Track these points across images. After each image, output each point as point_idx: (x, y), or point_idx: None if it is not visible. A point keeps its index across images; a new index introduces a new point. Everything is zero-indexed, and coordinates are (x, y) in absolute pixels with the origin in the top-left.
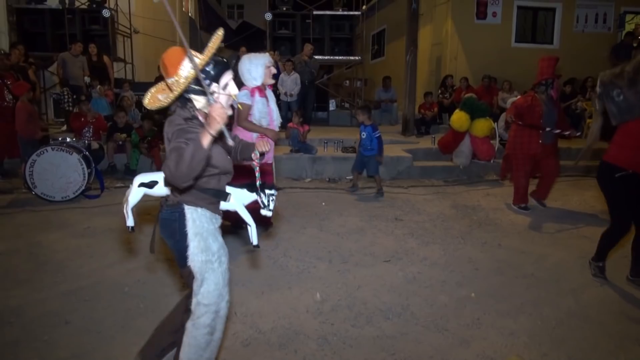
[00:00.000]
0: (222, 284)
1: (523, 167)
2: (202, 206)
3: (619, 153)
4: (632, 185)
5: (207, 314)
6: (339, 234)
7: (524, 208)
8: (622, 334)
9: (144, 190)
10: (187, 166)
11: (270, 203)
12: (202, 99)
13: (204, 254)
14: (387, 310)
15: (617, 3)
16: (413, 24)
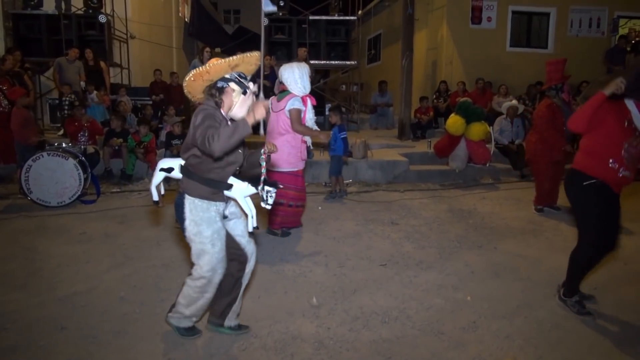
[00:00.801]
0: (215, 262)
1: (545, 172)
2: (200, 196)
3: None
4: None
5: (200, 279)
6: (335, 238)
7: (539, 210)
8: (617, 337)
9: (164, 173)
10: (229, 138)
11: (269, 198)
12: (238, 88)
13: (196, 237)
14: (383, 314)
15: (611, 8)
16: (408, 28)
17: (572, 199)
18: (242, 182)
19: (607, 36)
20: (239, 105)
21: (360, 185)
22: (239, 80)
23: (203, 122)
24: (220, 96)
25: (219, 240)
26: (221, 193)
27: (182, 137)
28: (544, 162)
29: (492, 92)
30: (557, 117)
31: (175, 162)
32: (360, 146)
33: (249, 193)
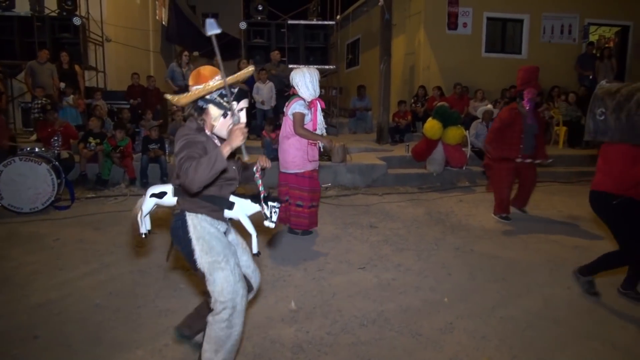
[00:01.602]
0: (234, 280)
1: (505, 178)
2: (202, 213)
3: (607, 180)
4: (629, 209)
5: (225, 310)
6: (314, 242)
7: (505, 218)
8: (589, 335)
9: (155, 200)
10: (206, 173)
11: (273, 215)
12: (217, 111)
13: (208, 255)
14: (362, 317)
15: (582, 15)
16: (386, 34)
17: (605, 218)
18: (245, 200)
19: (578, 43)
20: (220, 126)
21: (339, 189)
22: (219, 102)
23: (182, 150)
24: (201, 116)
25: (232, 257)
26: (222, 212)
27: (159, 142)
28: (502, 168)
29: (468, 96)
30: (515, 123)
31: (167, 187)
32: (339, 150)
33: (252, 211)
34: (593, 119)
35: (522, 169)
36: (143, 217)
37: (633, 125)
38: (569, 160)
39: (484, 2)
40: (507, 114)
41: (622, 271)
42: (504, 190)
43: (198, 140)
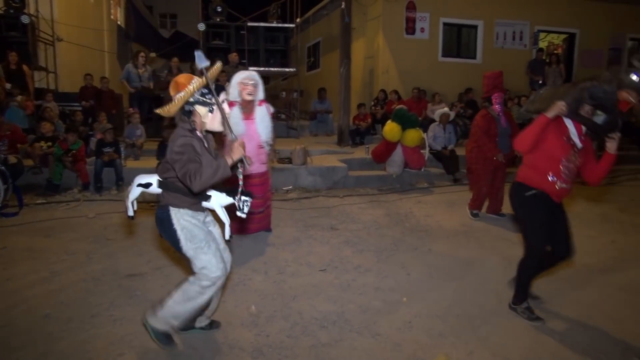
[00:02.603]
0: (216, 262)
1: (485, 177)
2: (183, 207)
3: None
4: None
5: (206, 281)
6: (274, 245)
7: (475, 215)
8: (540, 329)
9: (141, 189)
10: (210, 180)
11: (244, 207)
12: (203, 109)
13: (192, 242)
14: (322, 319)
15: (532, 22)
16: (346, 37)
17: (516, 209)
18: (220, 193)
19: (529, 48)
20: (210, 122)
21: (300, 192)
22: (202, 100)
23: (183, 153)
24: (191, 119)
25: (213, 242)
26: (200, 204)
27: (114, 145)
28: (482, 170)
29: (426, 99)
30: (491, 128)
31: (153, 178)
32: (300, 153)
33: (226, 203)
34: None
35: (496, 170)
36: (130, 202)
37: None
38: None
39: (440, 8)
40: (482, 121)
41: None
42: (483, 186)
43: (193, 143)
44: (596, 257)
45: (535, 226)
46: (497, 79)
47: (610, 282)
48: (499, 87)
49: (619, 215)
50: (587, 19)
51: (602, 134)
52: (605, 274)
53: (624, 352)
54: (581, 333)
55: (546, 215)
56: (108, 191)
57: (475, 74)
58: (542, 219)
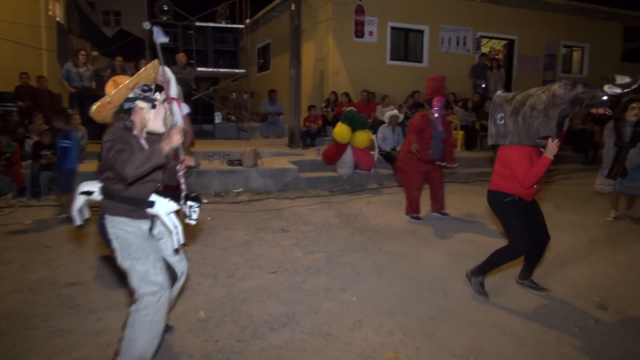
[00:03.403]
0: (154, 274)
1: (415, 180)
2: (120, 214)
3: (502, 181)
4: (520, 208)
5: (145, 302)
6: (224, 249)
7: (415, 218)
8: (483, 322)
9: (85, 197)
10: (142, 164)
11: (192, 214)
12: (145, 104)
13: (127, 252)
14: (272, 322)
15: (474, 28)
16: (296, 39)
17: (498, 213)
18: (164, 199)
19: (472, 53)
20: (153, 119)
21: (250, 194)
22: (144, 96)
23: (114, 146)
24: (130, 117)
25: (152, 252)
26: (142, 211)
27: (52, 147)
28: (412, 170)
29: (375, 102)
30: (426, 130)
31: (95, 185)
32: (251, 155)
33: (171, 209)
34: (494, 124)
35: (429, 172)
36: (75, 212)
37: (528, 128)
38: (466, 162)
39: (388, 12)
40: (418, 121)
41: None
42: (414, 191)
43: (125, 136)
44: None
45: (518, 228)
46: (440, 83)
47: (547, 276)
48: (441, 92)
49: (556, 213)
50: (525, 26)
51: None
52: (542, 268)
53: (558, 340)
54: (520, 324)
55: (522, 215)
56: (46, 196)
57: (422, 77)
58: (521, 219)
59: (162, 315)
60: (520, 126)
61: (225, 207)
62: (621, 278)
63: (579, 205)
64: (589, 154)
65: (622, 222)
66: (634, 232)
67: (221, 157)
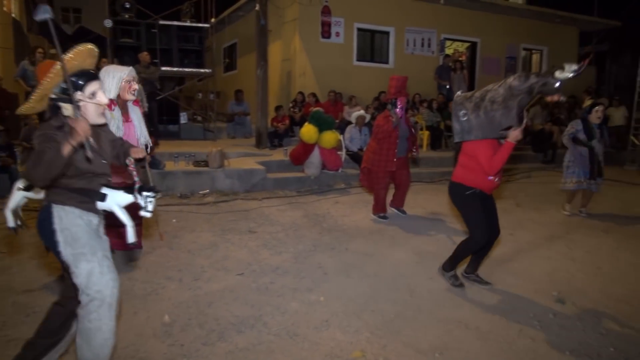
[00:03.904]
0: (100, 272)
1: (382, 180)
2: (70, 204)
3: (466, 173)
4: (480, 201)
5: (92, 302)
6: (190, 251)
7: (383, 217)
8: (448, 319)
9: (23, 193)
10: (45, 169)
11: (149, 205)
12: (69, 107)
13: (72, 246)
14: (239, 324)
15: (438, 30)
16: (262, 39)
17: (459, 206)
18: (118, 191)
19: (436, 55)
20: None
21: (217, 195)
22: (63, 98)
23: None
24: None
25: (100, 249)
26: (93, 204)
27: (8, 149)
28: (380, 171)
29: (342, 102)
30: (394, 130)
31: None
32: (217, 155)
33: (125, 202)
34: (458, 121)
35: (396, 172)
36: (10, 210)
37: (491, 121)
38: (431, 162)
39: (354, 13)
40: (384, 122)
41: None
42: (381, 191)
43: (53, 137)
44: (496, 250)
45: (478, 220)
46: (403, 83)
47: (508, 271)
48: (403, 92)
49: (516, 210)
50: (487, 29)
51: None
52: (504, 264)
53: (519, 334)
54: (483, 320)
55: (482, 207)
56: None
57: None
58: (481, 211)
59: (110, 317)
60: (483, 120)
61: (191, 209)
62: (578, 272)
63: (538, 202)
64: (548, 153)
65: (578, 218)
66: (589, 228)
67: (187, 158)
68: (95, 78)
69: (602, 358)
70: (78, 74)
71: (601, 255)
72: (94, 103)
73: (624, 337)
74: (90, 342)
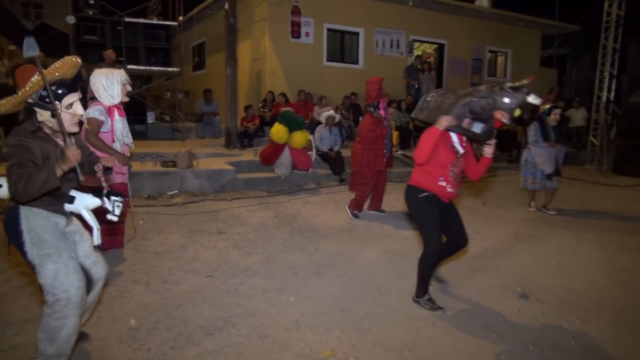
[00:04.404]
0: (66, 273)
1: (370, 180)
2: (37, 206)
3: (418, 175)
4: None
5: (57, 302)
6: (157, 253)
7: (355, 215)
8: (416, 316)
9: None
10: (37, 189)
11: (116, 209)
12: (45, 113)
13: (39, 247)
14: (208, 326)
15: (407, 32)
16: (231, 38)
17: (412, 209)
18: (85, 194)
19: (405, 56)
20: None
21: (186, 196)
22: (40, 104)
23: (13, 156)
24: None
25: (66, 250)
26: (61, 206)
27: None
28: (370, 172)
29: (312, 102)
30: (383, 131)
31: (3, 179)
32: (185, 156)
33: (93, 205)
34: (423, 99)
35: (380, 172)
36: None
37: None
38: (400, 162)
39: (324, 14)
40: (374, 125)
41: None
42: (367, 190)
43: (29, 145)
44: None
45: (430, 226)
46: (381, 85)
47: (474, 268)
48: (382, 93)
49: (483, 209)
50: (453, 31)
51: (481, 141)
52: (470, 262)
53: (484, 330)
54: (450, 317)
55: (438, 214)
56: None
57: (358, 78)
58: (435, 217)
59: (74, 315)
60: (438, 103)
61: (158, 210)
62: (540, 268)
63: (504, 201)
64: (513, 152)
65: (542, 215)
66: (551, 225)
67: (154, 159)
68: (75, 90)
69: (563, 350)
70: (58, 83)
71: (562, 251)
72: (70, 114)
73: (583, 330)
74: (54, 339)
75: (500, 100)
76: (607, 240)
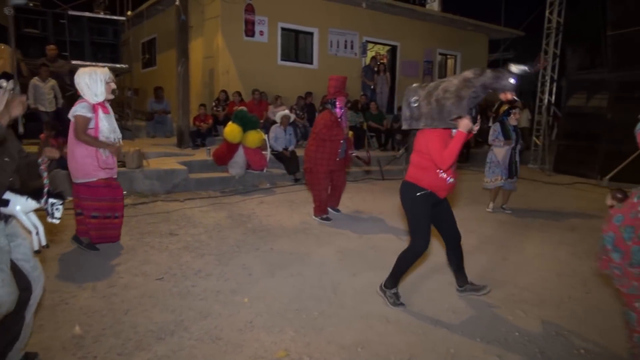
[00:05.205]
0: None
1: (324, 181)
2: None
3: (417, 172)
4: (430, 206)
5: None
6: (105, 256)
7: (325, 219)
8: (370, 314)
9: None
10: None
11: (55, 212)
12: None
13: None
14: (158, 330)
15: (360, 33)
16: (183, 35)
17: (407, 206)
18: (21, 197)
19: (358, 57)
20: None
21: (136, 197)
22: None
23: None
24: None
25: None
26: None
27: None
28: (322, 171)
29: (267, 102)
30: (338, 130)
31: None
32: (135, 155)
33: (30, 208)
34: (408, 107)
35: (335, 172)
36: None
37: (441, 109)
38: (354, 161)
39: (278, 13)
40: (329, 122)
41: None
42: (322, 192)
43: None
44: None
45: (423, 226)
46: (343, 83)
47: (427, 266)
48: (342, 92)
49: None
50: (405, 33)
51: None
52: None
53: (435, 325)
54: (403, 313)
55: (430, 214)
56: None
57: (312, 78)
58: (429, 220)
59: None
60: (434, 108)
61: None
62: (488, 264)
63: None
64: (463, 152)
65: (501, 214)
66: (498, 222)
67: None
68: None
69: (509, 342)
70: None
71: (508, 247)
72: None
73: (527, 322)
74: None
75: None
76: (548, 236)
